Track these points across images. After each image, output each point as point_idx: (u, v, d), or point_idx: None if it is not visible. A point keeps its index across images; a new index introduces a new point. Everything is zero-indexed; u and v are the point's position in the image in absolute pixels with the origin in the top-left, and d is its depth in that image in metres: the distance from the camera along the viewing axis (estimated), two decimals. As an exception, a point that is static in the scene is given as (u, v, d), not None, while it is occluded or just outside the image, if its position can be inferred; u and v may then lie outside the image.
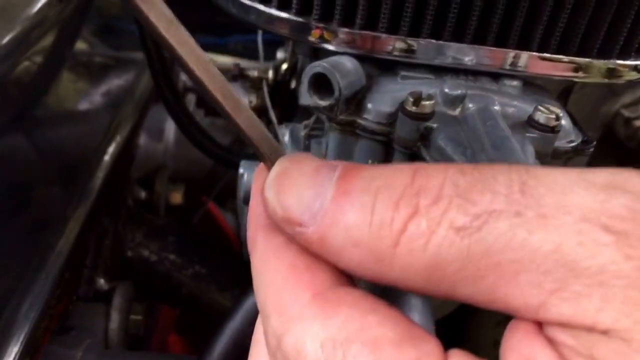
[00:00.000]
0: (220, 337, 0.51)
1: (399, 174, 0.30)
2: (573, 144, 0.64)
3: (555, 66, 0.64)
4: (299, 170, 0.32)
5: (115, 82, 1.12)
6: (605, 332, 0.25)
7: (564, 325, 0.26)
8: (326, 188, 0.31)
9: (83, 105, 1.06)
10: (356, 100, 0.63)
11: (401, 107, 0.59)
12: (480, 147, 0.53)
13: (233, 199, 1.30)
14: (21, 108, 0.83)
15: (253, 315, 0.50)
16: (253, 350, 0.38)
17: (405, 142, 0.59)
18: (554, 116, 0.58)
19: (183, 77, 1.46)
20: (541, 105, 0.59)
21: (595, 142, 0.65)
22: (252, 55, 1.09)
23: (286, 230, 0.32)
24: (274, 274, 0.32)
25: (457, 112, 0.60)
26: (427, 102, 0.57)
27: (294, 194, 0.32)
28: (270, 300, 0.31)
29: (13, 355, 0.62)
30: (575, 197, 0.27)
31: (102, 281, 0.91)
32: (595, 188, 0.27)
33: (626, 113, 1.43)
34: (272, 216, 0.32)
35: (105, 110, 1.06)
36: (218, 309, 0.98)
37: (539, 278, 0.26)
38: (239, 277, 1.00)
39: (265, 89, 0.76)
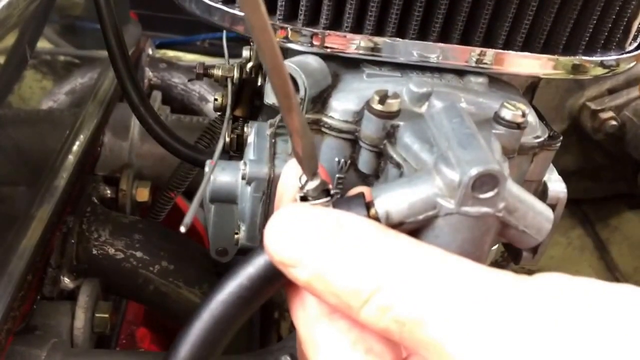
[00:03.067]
0: (187, 335, 0.51)
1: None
2: (539, 140, 0.65)
3: (520, 63, 0.65)
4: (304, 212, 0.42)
5: (79, 80, 1.10)
6: None
7: None
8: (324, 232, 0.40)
9: (47, 104, 1.04)
10: (322, 99, 0.63)
11: (367, 105, 0.58)
12: (446, 145, 0.53)
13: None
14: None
15: (221, 312, 0.49)
16: None
17: (372, 140, 0.59)
18: (520, 112, 0.59)
19: (149, 74, 1.45)
20: (507, 102, 0.60)
21: (561, 138, 0.66)
22: (220, 52, 1.08)
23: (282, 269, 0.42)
24: None
25: (423, 109, 0.60)
26: (393, 100, 0.57)
27: (293, 235, 0.41)
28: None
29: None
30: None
31: (67, 280, 0.90)
32: None
33: (592, 106, 1.46)
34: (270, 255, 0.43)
35: (69, 109, 1.05)
36: (186, 304, 0.97)
37: None
38: (207, 273, 0.99)
39: (229, 87, 0.76)
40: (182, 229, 0.43)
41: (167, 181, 1.09)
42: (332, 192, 0.47)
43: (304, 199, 0.46)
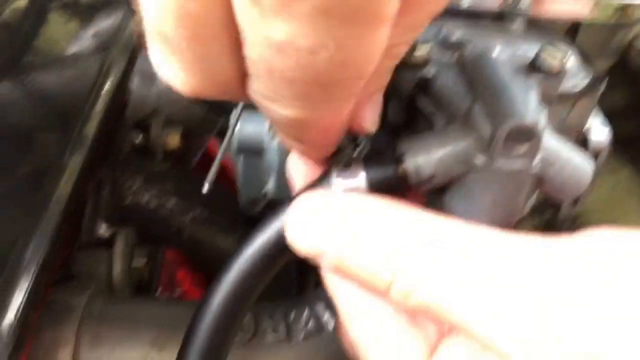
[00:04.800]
0: (218, 288, 0.51)
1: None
2: (581, 85, 0.62)
3: (559, 6, 0.62)
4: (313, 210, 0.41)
5: (104, 23, 1.09)
6: None
7: None
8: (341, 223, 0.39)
9: (73, 49, 1.03)
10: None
11: (396, 54, 0.57)
12: (478, 96, 0.52)
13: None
14: (11, 53, 0.81)
15: (250, 266, 0.49)
16: None
17: (401, 92, 0.58)
18: (559, 58, 0.56)
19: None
20: (545, 47, 0.57)
21: (606, 80, 0.62)
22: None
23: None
24: None
25: (454, 57, 0.58)
26: (423, 49, 0.56)
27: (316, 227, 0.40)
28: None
29: (17, 307, 0.62)
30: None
31: (102, 229, 0.91)
32: None
33: (641, 44, 1.39)
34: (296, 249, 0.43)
35: (95, 54, 1.04)
36: (221, 252, 0.98)
37: None
38: (241, 221, 1.00)
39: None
40: (205, 188, 0.44)
41: (196, 126, 1.09)
42: (359, 140, 0.46)
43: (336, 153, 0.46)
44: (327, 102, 0.33)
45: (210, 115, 1.04)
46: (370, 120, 0.43)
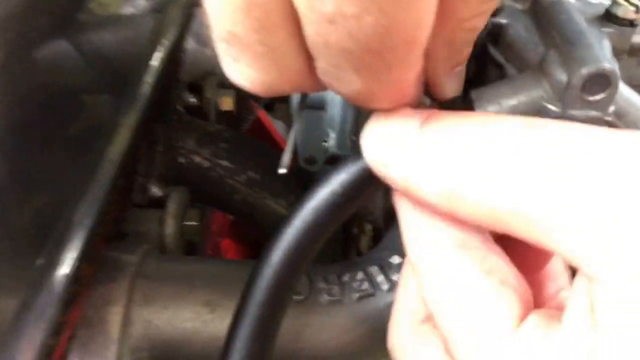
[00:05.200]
0: (278, 242, 0.50)
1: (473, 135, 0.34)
2: (653, 40, 0.59)
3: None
4: (389, 123, 0.38)
5: (157, -14, 1.08)
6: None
7: None
8: (412, 140, 0.36)
9: (127, 9, 1.03)
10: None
11: (466, 1, 0.54)
12: (552, 43, 0.49)
13: (282, 103, 1.27)
14: (65, 12, 0.81)
15: (312, 219, 0.48)
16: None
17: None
18: (633, 9, 0.53)
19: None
20: (620, -3, 0.54)
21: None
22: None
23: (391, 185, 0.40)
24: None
25: (527, 6, 0.55)
26: (495, -5, 0.53)
27: (387, 150, 0.38)
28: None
29: (71, 262, 0.62)
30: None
31: (155, 188, 0.90)
32: None
33: None
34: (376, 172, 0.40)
35: (150, 14, 1.03)
36: (272, 215, 0.97)
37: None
38: (292, 185, 0.99)
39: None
40: (282, 171, 0.43)
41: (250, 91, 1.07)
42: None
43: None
44: (386, 71, 0.33)
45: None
46: (453, 91, 0.42)
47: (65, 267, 0.61)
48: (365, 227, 1.04)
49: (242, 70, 0.35)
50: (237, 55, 0.34)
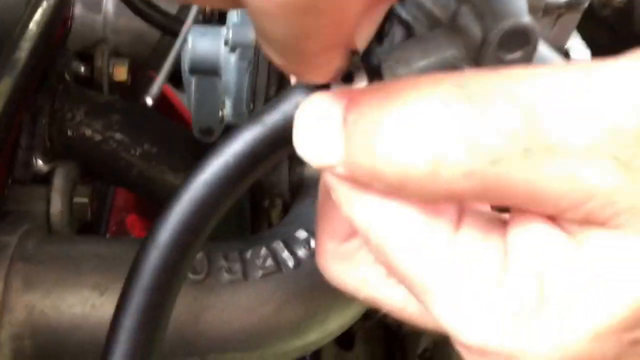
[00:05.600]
0: (166, 220, 0.45)
1: (390, 110, 0.31)
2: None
3: None
4: (311, 118, 0.34)
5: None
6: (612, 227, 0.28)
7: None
8: (335, 131, 0.33)
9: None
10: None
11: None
12: (465, -2, 0.46)
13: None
14: None
15: (204, 194, 0.44)
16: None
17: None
18: (547, -36, 0.52)
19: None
20: (532, -48, 0.52)
21: (590, -2, 0.58)
22: None
23: (326, 173, 0.35)
24: None
25: (436, -42, 0.52)
26: (401, -55, 0.49)
27: (314, 146, 0.34)
28: None
29: None
30: (584, 124, 0.27)
31: (40, 162, 0.83)
32: (601, 109, 0.27)
33: (601, -24, 1.36)
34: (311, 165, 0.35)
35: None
36: (172, 189, 0.91)
37: (555, 202, 0.29)
38: (193, 157, 0.93)
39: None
40: (149, 101, 0.37)
41: (147, 59, 1.01)
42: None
43: None
44: None
45: (162, 45, 0.96)
46: (363, 38, 0.36)
47: None
48: (276, 200, 1.01)
49: None
50: None
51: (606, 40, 1.52)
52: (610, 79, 0.28)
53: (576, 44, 0.62)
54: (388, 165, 0.30)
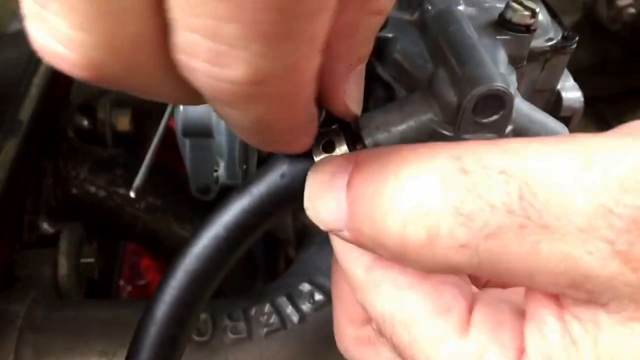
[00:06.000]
0: (162, 294, 0.46)
1: (388, 182, 0.31)
2: (552, 42, 0.56)
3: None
4: (320, 181, 0.35)
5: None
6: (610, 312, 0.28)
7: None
8: (342, 196, 0.34)
9: (15, 25, 0.96)
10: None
11: (348, 15, 0.50)
12: (442, 59, 0.46)
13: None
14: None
15: (197, 267, 0.44)
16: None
17: (357, 58, 0.51)
18: (529, 13, 0.51)
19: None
20: (513, 1, 0.51)
21: (577, 39, 0.57)
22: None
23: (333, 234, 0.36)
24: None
25: (415, 16, 0.52)
26: (379, 8, 0.49)
27: (322, 207, 0.35)
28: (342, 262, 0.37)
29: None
30: (578, 204, 0.27)
31: (45, 225, 0.84)
32: (598, 190, 0.26)
33: (610, -7, 1.34)
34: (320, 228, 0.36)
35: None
36: (179, 240, 0.92)
37: (554, 279, 0.28)
38: (198, 208, 0.93)
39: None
40: (132, 194, 0.38)
41: (149, 106, 1.01)
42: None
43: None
44: (289, 35, 0.25)
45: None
46: (354, 98, 0.37)
47: None
48: (288, 247, 1.00)
49: (52, 27, 0.24)
50: (50, 5, 0.23)
51: (617, 54, 1.51)
52: (604, 158, 0.27)
53: (568, 85, 0.61)
54: (388, 235, 0.31)
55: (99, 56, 0.24)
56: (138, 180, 0.40)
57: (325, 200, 0.35)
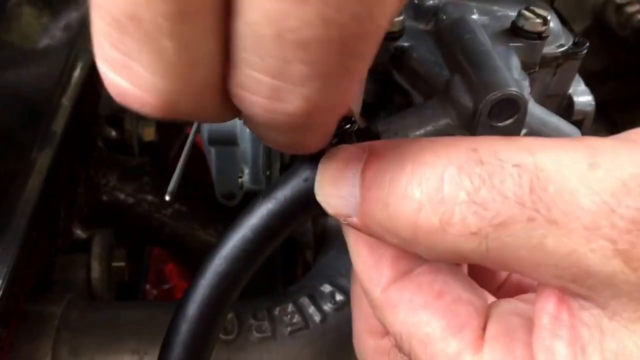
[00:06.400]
0: (193, 294, 0.48)
1: (405, 168, 0.32)
2: (563, 49, 0.58)
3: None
4: (333, 168, 0.36)
5: (74, 14, 1.04)
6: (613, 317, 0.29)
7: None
8: (354, 184, 0.34)
9: (45, 40, 0.99)
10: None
11: (367, 26, 0.52)
12: (457, 66, 0.48)
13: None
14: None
15: (225, 268, 0.46)
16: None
17: (375, 66, 0.53)
18: (540, 20, 0.53)
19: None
20: (525, 9, 0.53)
21: (587, 44, 0.59)
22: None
23: (341, 221, 0.36)
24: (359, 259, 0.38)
25: (430, 26, 0.54)
26: (396, 19, 0.51)
27: (333, 192, 0.35)
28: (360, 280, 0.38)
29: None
30: (583, 203, 0.28)
31: (78, 230, 0.87)
32: (602, 191, 0.28)
33: (618, -1, 1.35)
34: (328, 213, 0.37)
35: (65, 46, 0.99)
36: (203, 245, 0.95)
37: (558, 272, 0.29)
38: (222, 213, 0.96)
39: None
40: (167, 198, 0.40)
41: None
42: (353, 118, 0.42)
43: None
44: (345, 72, 0.27)
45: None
46: (356, 97, 0.39)
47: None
48: (307, 251, 1.02)
49: (134, 74, 0.26)
50: (132, 50, 0.25)
51: (628, 59, 1.51)
52: (609, 161, 0.29)
53: (580, 89, 0.63)
54: (400, 220, 0.32)
55: (174, 98, 0.27)
56: (172, 185, 0.43)
57: (337, 185, 0.35)
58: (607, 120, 1.58)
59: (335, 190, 0.36)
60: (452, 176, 0.31)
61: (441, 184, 0.31)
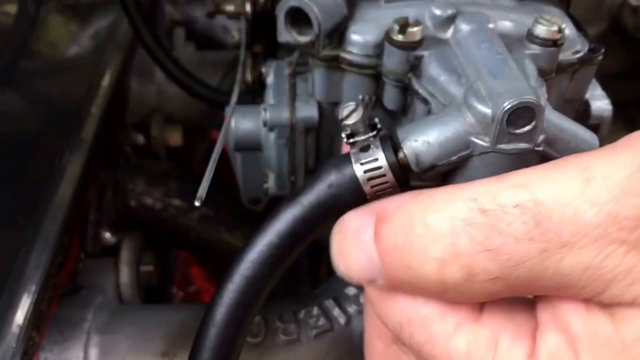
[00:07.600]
0: (221, 297, 0.50)
1: (415, 229, 0.35)
2: (579, 55, 0.59)
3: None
4: (346, 239, 0.39)
5: (102, 22, 1.06)
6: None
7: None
8: (370, 250, 0.37)
9: (73, 48, 1.02)
10: (338, 33, 0.58)
11: (387, 36, 0.54)
12: (476, 75, 0.49)
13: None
14: (5, 60, 0.79)
15: (252, 272, 0.48)
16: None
17: (396, 75, 0.55)
18: (556, 28, 0.53)
19: (170, 10, 1.39)
20: (541, 17, 0.54)
21: (603, 50, 0.60)
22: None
23: (368, 288, 0.39)
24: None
25: (449, 34, 0.55)
26: (415, 28, 0.53)
27: (353, 262, 0.38)
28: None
29: (17, 329, 0.60)
30: (588, 218, 0.30)
31: (107, 235, 0.89)
32: (603, 201, 0.30)
33: (634, 2, 1.34)
34: (352, 283, 0.40)
35: (93, 54, 1.01)
36: (229, 248, 0.96)
37: (579, 291, 0.31)
38: (247, 216, 0.98)
39: (243, 25, 0.72)
40: (197, 203, 0.42)
41: (198, 122, 1.07)
42: (378, 125, 0.44)
43: (350, 136, 0.44)
44: None
45: (211, 109, 1.01)
46: None
47: (10, 338, 0.60)
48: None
49: None
50: None
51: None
52: (601, 171, 0.31)
53: (597, 94, 0.63)
54: (426, 279, 0.35)
55: None
56: (201, 190, 0.44)
57: (354, 255, 0.38)
58: (627, 119, 1.57)
59: (354, 259, 0.38)
60: (462, 231, 0.33)
61: (454, 239, 0.33)
